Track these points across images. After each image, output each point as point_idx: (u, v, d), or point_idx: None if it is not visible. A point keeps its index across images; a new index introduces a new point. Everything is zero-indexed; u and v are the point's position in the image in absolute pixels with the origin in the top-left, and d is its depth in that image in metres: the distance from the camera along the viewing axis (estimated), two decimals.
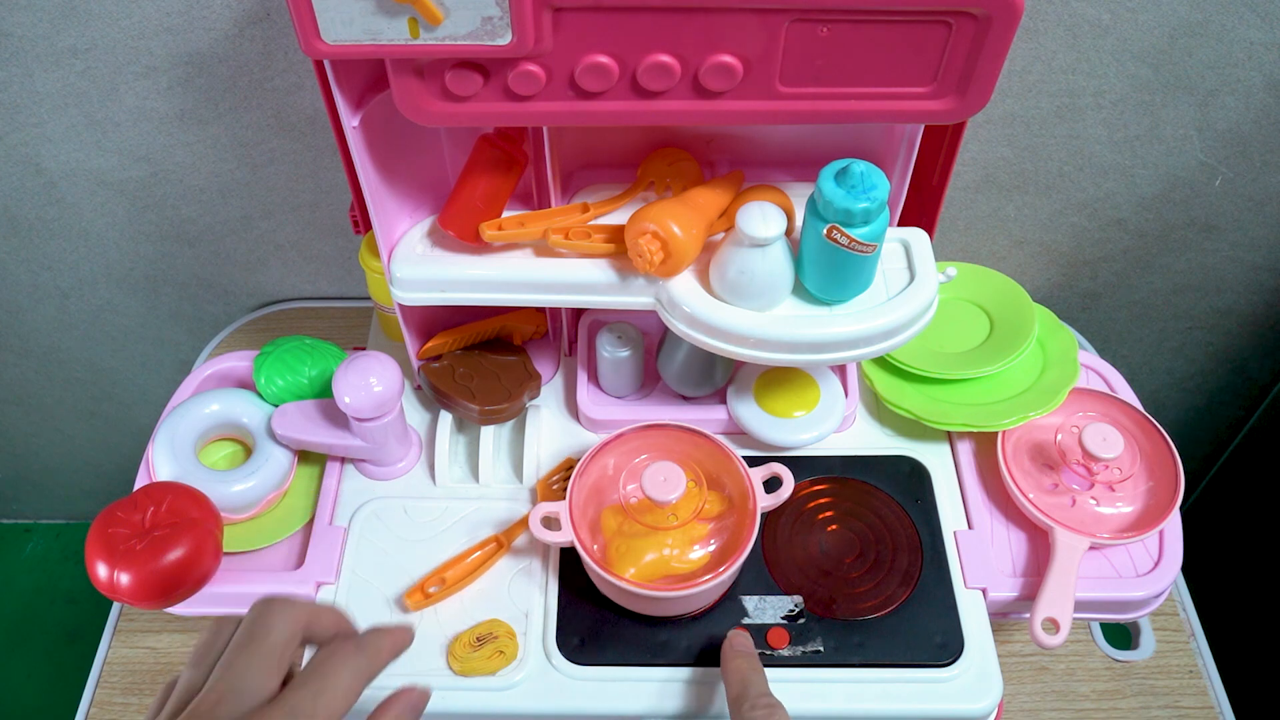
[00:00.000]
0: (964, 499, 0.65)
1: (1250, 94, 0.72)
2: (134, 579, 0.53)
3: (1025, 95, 0.72)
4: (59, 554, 1.42)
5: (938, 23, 0.45)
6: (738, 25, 0.45)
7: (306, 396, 0.66)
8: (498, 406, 0.65)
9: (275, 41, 0.68)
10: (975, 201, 0.82)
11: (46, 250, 0.88)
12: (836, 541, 0.62)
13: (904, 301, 0.56)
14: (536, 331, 0.71)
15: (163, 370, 1.05)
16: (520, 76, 0.47)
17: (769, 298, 0.55)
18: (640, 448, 0.60)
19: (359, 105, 0.52)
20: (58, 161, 0.79)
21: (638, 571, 0.55)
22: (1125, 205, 0.82)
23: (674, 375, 0.66)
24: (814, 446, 0.66)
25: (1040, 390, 0.66)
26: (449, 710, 0.57)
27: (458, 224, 0.58)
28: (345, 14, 0.43)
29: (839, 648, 0.58)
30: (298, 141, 0.76)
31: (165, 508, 0.56)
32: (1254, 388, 1.07)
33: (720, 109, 0.49)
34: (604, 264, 0.58)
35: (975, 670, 0.57)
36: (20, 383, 1.08)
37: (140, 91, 0.72)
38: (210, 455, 0.66)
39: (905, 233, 0.59)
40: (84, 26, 0.68)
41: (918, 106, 0.49)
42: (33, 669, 1.31)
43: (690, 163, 0.60)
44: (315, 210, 0.83)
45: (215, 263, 0.89)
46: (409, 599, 0.59)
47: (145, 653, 0.73)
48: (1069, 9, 0.66)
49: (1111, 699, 0.69)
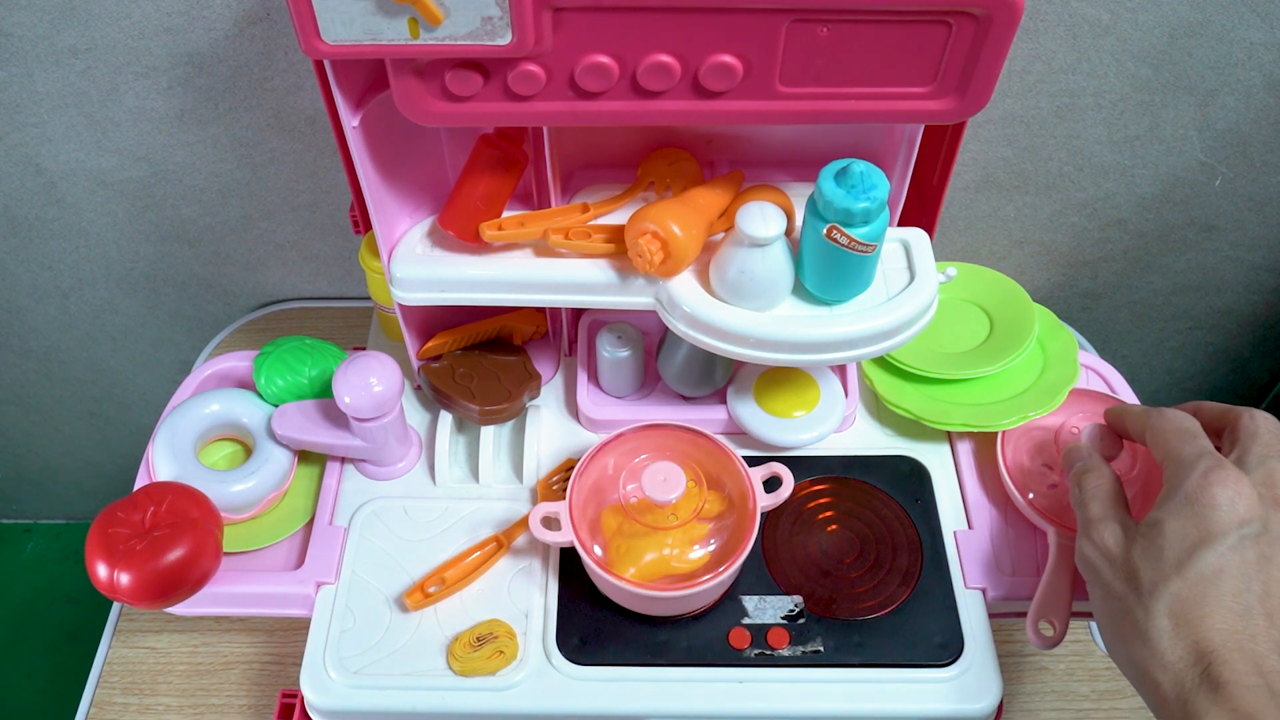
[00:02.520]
0: (964, 499, 0.65)
1: (1250, 94, 0.72)
2: (134, 579, 0.53)
3: (1025, 95, 0.72)
4: (59, 554, 1.42)
5: (938, 23, 0.45)
6: (738, 25, 0.45)
7: (306, 396, 0.66)
8: (498, 406, 0.65)
9: (275, 41, 0.68)
10: (975, 201, 0.82)
11: (46, 250, 0.88)
12: (836, 541, 0.62)
13: (904, 301, 0.56)
14: (536, 331, 0.71)
15: (163, 370, 1.05)
16: (520, 76, 0.47)
17: (769, 298, 0.55)
18: (640, 448, 0.60)
19: (359, 105, 0.52)
20: (58, 161, 0.79)
21: (638, 571, 0.55)
22: (1125, 205, 0.82)
23: (674, 375, 0.66)
24: (814, 446, 0.66)
25: (1040, 390, 0.66)
26: (449, 710, 0.57)
27: (458, 224, 0.58)
28: (345, 14, 0.43)
29: (839, 648, 0.58)
30: (298, 141, 0.76)
31: (165, 508, 0.56)
32: (1254, 388, 1.07)
33: (720, 109, 0.49)
34: (604, 264, 0.58)
35: (975, 670, 0.57)
36: (20, 383, 1.08)
37: (140, 91, 0.72)
38: (210, 455, 0.66)
39: (905, 233, 0.59)
40: (84, 26, 0.68)
41: (918, 106, 0.49)
42: (33, 669, 1.31)
43: (690, 163, 0.60)
44: (315, 210, 0.83)
45: (215, 263, 0.89)
46: (409, 599, 0.59)
47: (145, 653, 0.73)
48: (1069, 9, 0.66)
49: (1111, 699, 0.69)
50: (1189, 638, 0.42)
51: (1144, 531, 0.47)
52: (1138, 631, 0.44)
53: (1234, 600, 0.43)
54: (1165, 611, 0.43)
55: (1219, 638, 0.42)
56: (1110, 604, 0.47)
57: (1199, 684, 0.41)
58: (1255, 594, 0.43)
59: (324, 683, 0.57)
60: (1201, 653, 0.42)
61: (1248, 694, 0.40)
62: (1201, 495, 0.45)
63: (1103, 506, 0.50)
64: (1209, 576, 0.43)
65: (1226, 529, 0.44)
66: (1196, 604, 0.43)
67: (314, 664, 0.58)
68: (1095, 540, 0.49)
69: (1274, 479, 0.46)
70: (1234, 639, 0.42)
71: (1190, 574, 0.43)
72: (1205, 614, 0.43)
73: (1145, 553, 0.46)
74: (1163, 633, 0.43)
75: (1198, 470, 0.46)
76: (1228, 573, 0.43)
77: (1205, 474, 0.46)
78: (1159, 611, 0.44)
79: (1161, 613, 0.44)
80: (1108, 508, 0.50)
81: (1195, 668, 0.42)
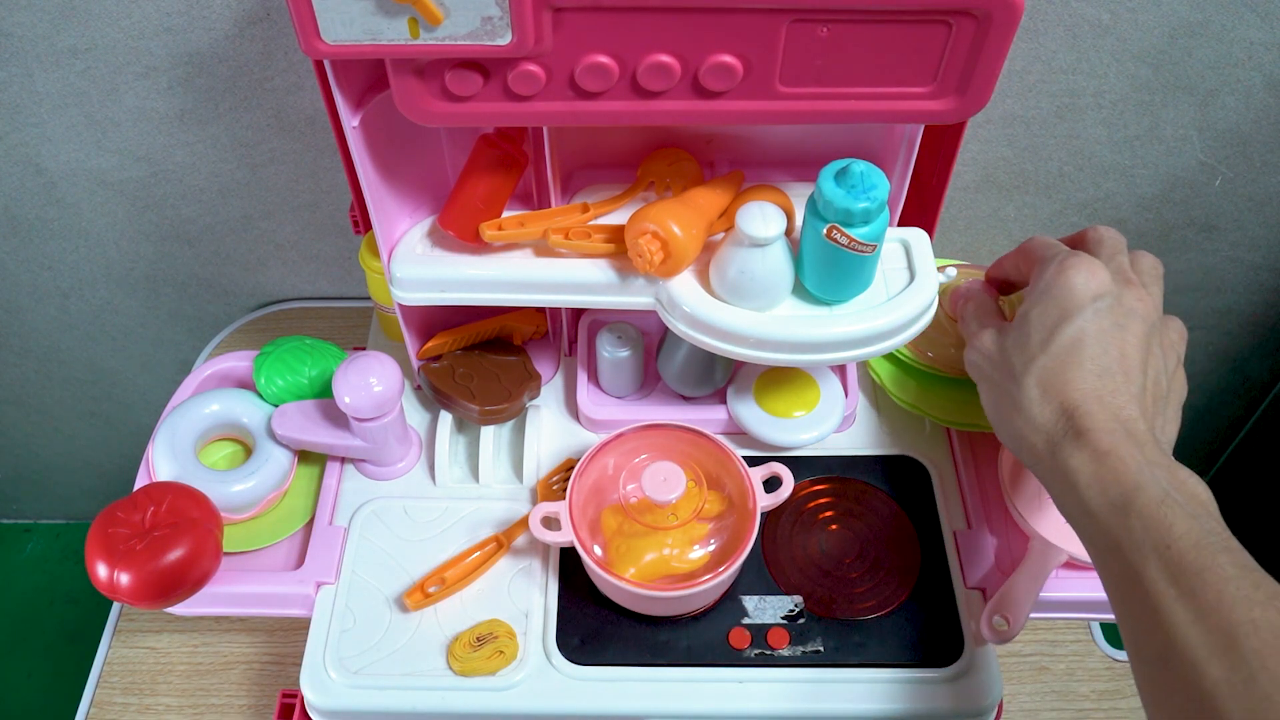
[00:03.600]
0: (964, 499, 0.65)
1: (1250, 94, 0.72)
2: (134, 579, 0.53)
3: (1025, 95, 0.72)
4: (59, 554, 1.42)
5: (938, 23, 0.45)
6: (738, 25, 0.45)
7: (306, 396, 0.66)
8: (498, 406, 0.65)
9: (275, 41, 0.68)
10: (975, 201, 0.82)
11: (46, 250, 0.88)
12: (836, 541, 0.62)
13: (904, 301, 0.56)
14: (536, 331, 0.71)
15: (163, 370, 1.05)
16: (520, 76, 0.47)
17: (769, 298, 0.55)
18: (640, 448, 0.60)
19: (359, 105, 0.52)
20: (58, 161, 0.79)
21: (638, 571, 0.55)
22: (1125, 205, 0.82)
23: (674, 375, 0.66)
24: (814, 446, 0.66)
25: None
26: (449, 710, 0.57)
27: (458, 224, 0.58)
28: (345, 14, 0.43)
29: (839, 648, 0.58)
30: (298, 141, 0.76)
31: (165, 508, 0.56)
32: (1254, 388, 1.07)
33: (720, 109, 0.49)
34: (604, 264, 0.58)
35: (975, 670, 0.57)
36: (20, 383, 1.08)
37: (140, 91, 0.72)
38: (210, 455, 0.66)
39: (905, 233, 0.59)
40: (84, 26, 0.68)
41: (918, 106, 0.49)
42: (33, 669, 1.32)
43: (690, 163, 0.60)
44: (315, 210, 0.83)
45: (215, 263, 0.89)
46: (409, 599, 0.59)
47: (145, 653, 0.73)
48: (1069, 9, 0.66)
49: (1111, 699, 0.69)
50: (1055, 400, 0.47)
51: (1014, 326, 0.51)
52: (1014, 405, 0.49)
53: (1093, 364, 0.47)
54: (1035, 383, 0.48)
55: (1080, 395, 0.46)
56: (993, 393, 0.52)
57: (1064, 434, 0.46)
58: (1113, 356, 0.47)
59: (324, 683, 0.57)
60: (1066, 409, 0.46)
61: (1107, 437, 0.44)
62: (1058, 279, 0.50)
63: (980, 319, 0.55)
64: (1069, 346, 0.48)
65: (1082, 303, 0.48)
66: (1060, 371, 0.47)
67: (314, 664, 0.58)
68: (977, 346, 0.53)
69: (1123, 268, 0.51)
70: (1094, 394, 0.46)
71: (1053, 347, 0.48)
72: (1069, 378, 0.47)
73: (1016, 342, 0.50)
74: (1033, 400, 0.48)
75: (1054, 262, 0.51)
76: (1086, 340, 0.47)
77: (1060, 263, 0.50)
78: (1029, 385, 0.48)
79: (1032, 385, 0.48)
80: (985, 318, 0.55)
81: (1061, 421, 0.46)
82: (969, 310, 0.57)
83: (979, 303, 0.57)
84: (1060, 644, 0.72)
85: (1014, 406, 0.49)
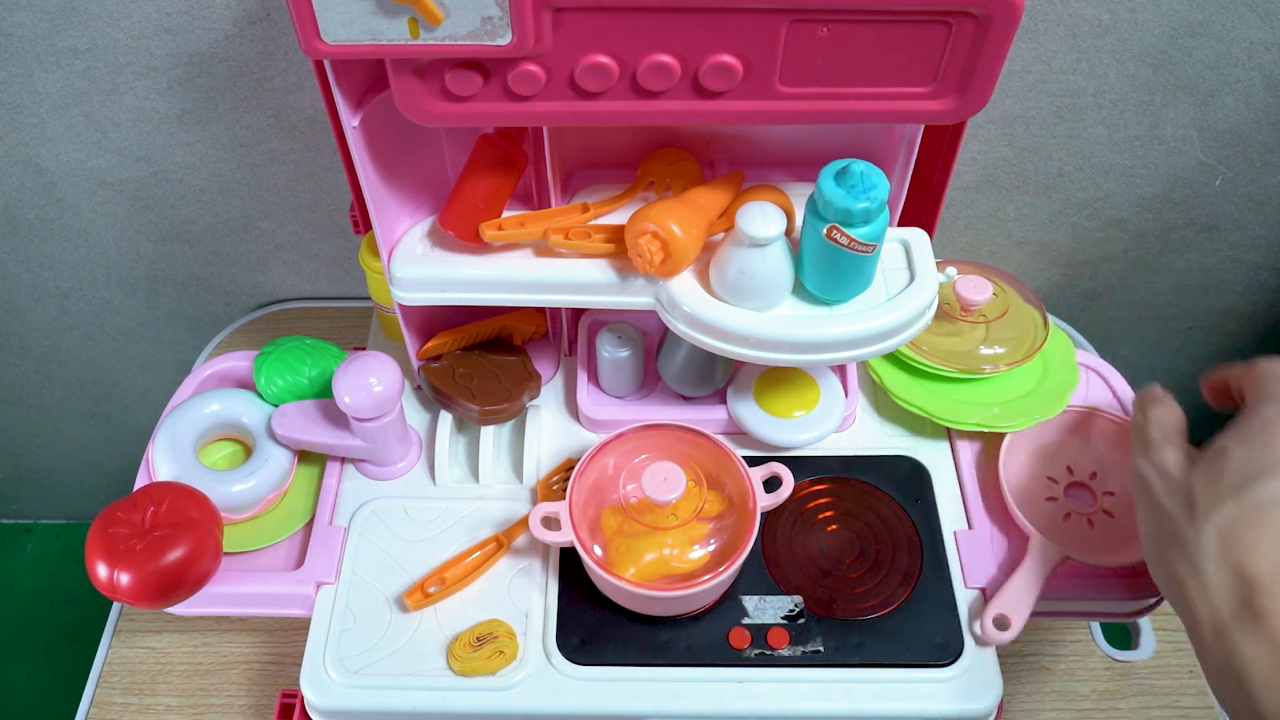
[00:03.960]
0: (964, 499, 0.65)
1: (1250, 94, 0.72)
2: (134, 579, 0.53)
3: (1025, 95, 0.72)
4: (59, 554, 1.42)
5: (938, 23, 0.45)
6: (738, 25, 0.45)
7: (306, 396, 0.66)
8: (498, 406, 0.65)
9: (275, 41, 0.68)
10: (975, 201, 0.82)
11: (46, 250, 0.88)
12: (836, 541, 0.62)
13: (904, 301, 0.56)
14: (536, 331, 0.71)
15: (163, 370, 1.05)
16: (520, 76, 0.47)
17: (769, 298, 0.55)
18: (640, 448, 0.60)
19: (359, 105, 0.52)
20: (58, 161, 0.79)
21: (638, 571, 0.55)
22: (1125, 205, 0.82)
23: (674, 375, 0.66)
24: (814, 446, 0.66)
25: (1044, 394, 0.66)
26: (449, 710, 0.57)
27: (458, 224, 0.58)
28: (345, 14, 0.43)
29: (839, 648, 0.58)
30: (298, 141, 0.76)
31: (165, 508, 0.56)
32: None
33: (720, 109, 0.49)
34: (604, 264, 0.58)
35: (975, 670, 0.57)
36: (20, 383, 1.08)
37: (140, 91, 0.72)
38: (210, 455, 0.66)
39: (905, 233, 0.59)
40: (84, 26, 0.68)
41: (918, 106, 0.49)
42: (33, 669, 1.31)
43: (690, 163, 0.60)
44: (315, 210, 0.83)
45: (215, 263, 0.89)
46: (409, 599, 0.59)
47: (145, 653, 0.73)
48: (1069, 9, 0.66)
49: (1111, 699, 0.69)
50: (1234, 563, 0.41)
51: (1207, 456, 0.46)
52: (1182, 549, 0.43)
53: None
54: (1215, 534, 0.42)
55: (1265, 565, 0.41)
56: (1159, 523, 0.46)
57: (1238, 611, 0.40)
58: None
59: (324, 683, 0.57)
60: (1246, 579, 0.41)
61: None
62: (1273, 424, 0.44)
63: (1166, 432, 0.49)
64: (1265, 504, 0.42)
65: None
66: (1248, 530, 0.42)
67: (314, 664, 0.58)
68: (1155, 460, 0.48)
69: None
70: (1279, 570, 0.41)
71: (1246, 500, 0.42)
72: (1255, 540, 0.41)
73: (1205, 476, 0.45)
74: (1209, 555, 0.42)
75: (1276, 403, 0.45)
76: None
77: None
78: (1209, 533, 0.42)
79: (1211, 534, 0.42)
80: (1171, 434, 0.49)
81: (1237, 593, 0.41)
82: (1157, 416, 0.50)
83: (1174, 416, 0.51)
84: (1060, 644, 0.72)
85: (1181, 550, 0.44)
